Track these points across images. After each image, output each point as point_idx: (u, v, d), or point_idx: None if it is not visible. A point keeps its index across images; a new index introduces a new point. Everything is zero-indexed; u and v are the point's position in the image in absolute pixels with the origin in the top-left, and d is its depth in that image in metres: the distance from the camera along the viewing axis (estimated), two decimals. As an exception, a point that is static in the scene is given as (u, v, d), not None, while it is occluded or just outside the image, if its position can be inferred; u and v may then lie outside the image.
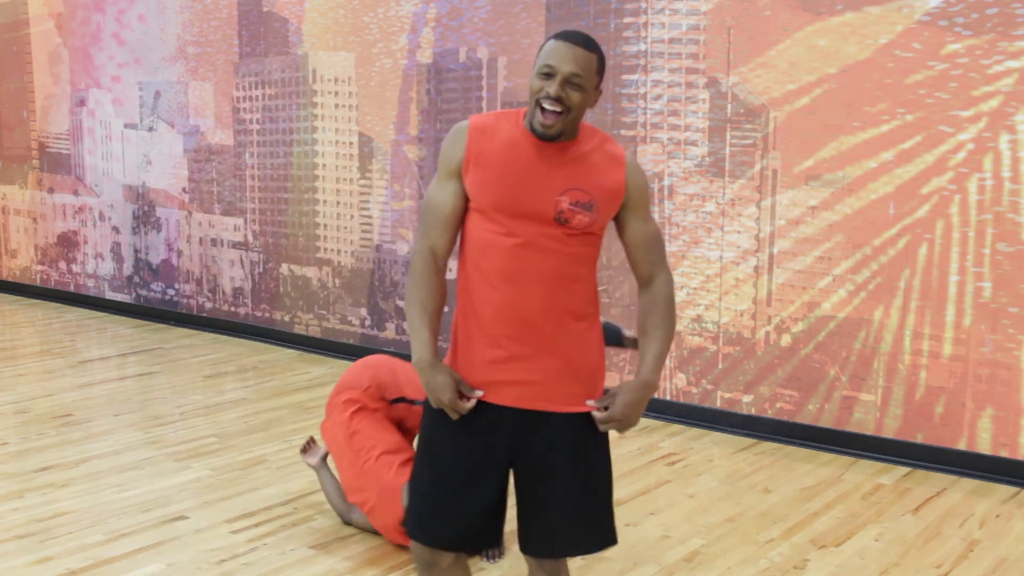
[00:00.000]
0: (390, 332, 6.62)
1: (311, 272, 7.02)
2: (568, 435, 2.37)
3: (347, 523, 3.93)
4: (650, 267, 2.43)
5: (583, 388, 2.38)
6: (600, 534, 2.48)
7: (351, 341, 6.81)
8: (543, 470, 2.39)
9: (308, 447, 4.16)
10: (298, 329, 7.12)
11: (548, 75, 2.25)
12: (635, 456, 4.84)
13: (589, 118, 5.54)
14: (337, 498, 3.95)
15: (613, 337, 3.58)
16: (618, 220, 2.42)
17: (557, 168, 2.31)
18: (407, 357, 6.91)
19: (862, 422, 4.87)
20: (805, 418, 5.03)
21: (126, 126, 8.08)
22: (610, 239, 5.58)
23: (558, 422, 2.36)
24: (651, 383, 2.36)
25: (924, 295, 4.68)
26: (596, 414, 2.35)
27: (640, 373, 2.37)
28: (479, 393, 2.34)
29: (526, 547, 2.50)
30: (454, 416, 2.33)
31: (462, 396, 2.34)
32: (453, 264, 2.92)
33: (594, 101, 2.33)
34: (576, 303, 2.36)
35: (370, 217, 6.67)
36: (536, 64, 2.29)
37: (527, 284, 2.30)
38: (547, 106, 2.24)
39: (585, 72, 2.26)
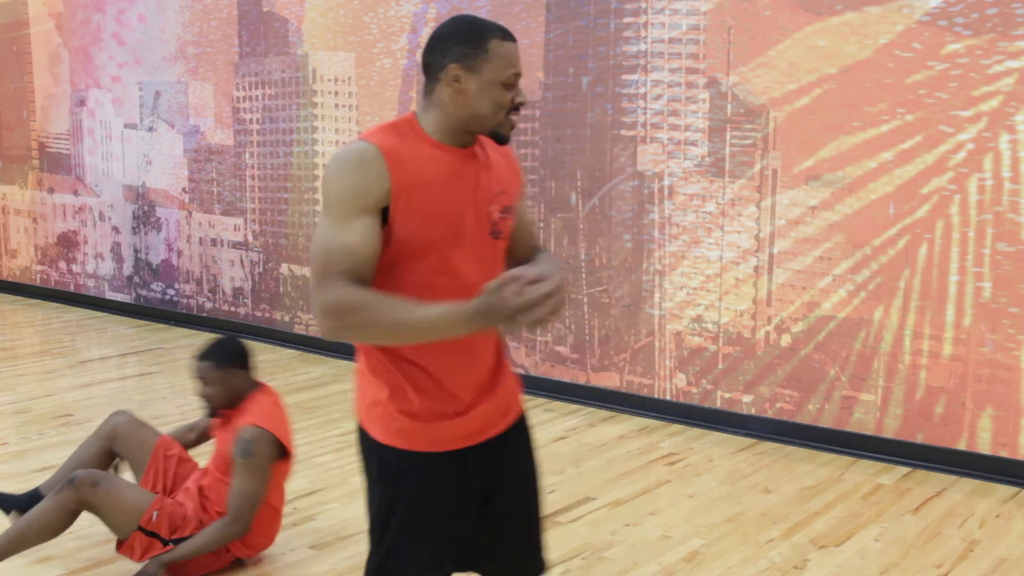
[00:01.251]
0: (390, 332, 6.62)
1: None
2: (518, 447, 2.22)
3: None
4: (532, 251, 2.24)
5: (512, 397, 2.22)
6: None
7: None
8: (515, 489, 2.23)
9: None
10: (298, 329, 7.12)
11: (513, 85, 2.01)
12: (635, 456, 4.84)
13: (586, 117, 5.55)
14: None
15: None
16: None
17: (479, 175, 2.05)
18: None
19: (862, 422, 4.87)
20: (805, 418, 5.03)
21: (126, 126, 8.08)
22: (609, 239, 5.60)
23: (509, 439, 2.18)
24: (562, 270, 2.15)
25: (924, 295, 4.68)
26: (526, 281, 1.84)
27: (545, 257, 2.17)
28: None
29: (515, 570, 2.29)
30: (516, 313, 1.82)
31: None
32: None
33: None
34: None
35: (370, 217, 6.66)
36: (487, 70, 1.98)
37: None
38: (514, 115, 2.03)
39: None
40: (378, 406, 2.07)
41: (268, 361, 6.71)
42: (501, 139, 2.05)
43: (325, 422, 5.32)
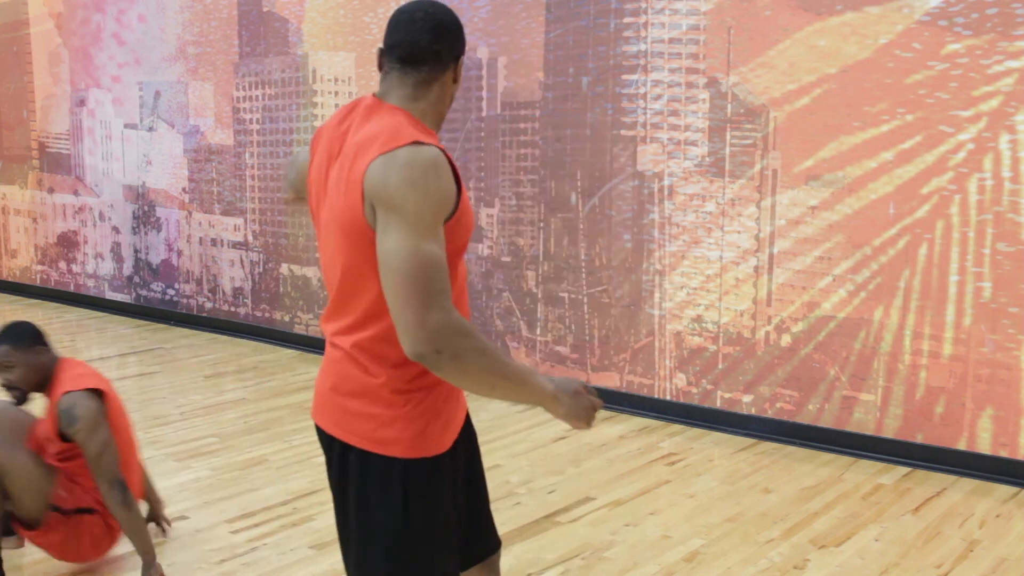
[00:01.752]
0: (390, 332, 6.62)
1: (311, 272, 7.02)
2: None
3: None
4: None
5: None
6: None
7: (351, 341, 6.80)
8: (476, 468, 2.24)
9: None
10: (298, 329, 7.12)
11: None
12: (635, 456, 4.84)
13: (586, 117, 5.55)
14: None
15: None
16: None
17: None
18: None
19: (862, 422, 4.87)
20: (805, 418, 5.03)
21: (126, 126, 8.08)
22: (609, 239, 5.60)
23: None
24: None
25: (924, 295, 4.68)
26: None
27: None
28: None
29: (486, 548, 2.26)
30: (591, 418, 1.98)
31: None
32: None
33: None
34: None
35: (370, 217, 6.66)
36: (460, 65, 2.05)
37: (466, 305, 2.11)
38: None
39: None
40: (404, 424, 1.96)
41: (268, 361, 6.71)
42: (437, 128, 2.06)
43: (325, 422, 5.32)
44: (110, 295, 8.37)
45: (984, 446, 4.58)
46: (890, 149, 4.70)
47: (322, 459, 4.72)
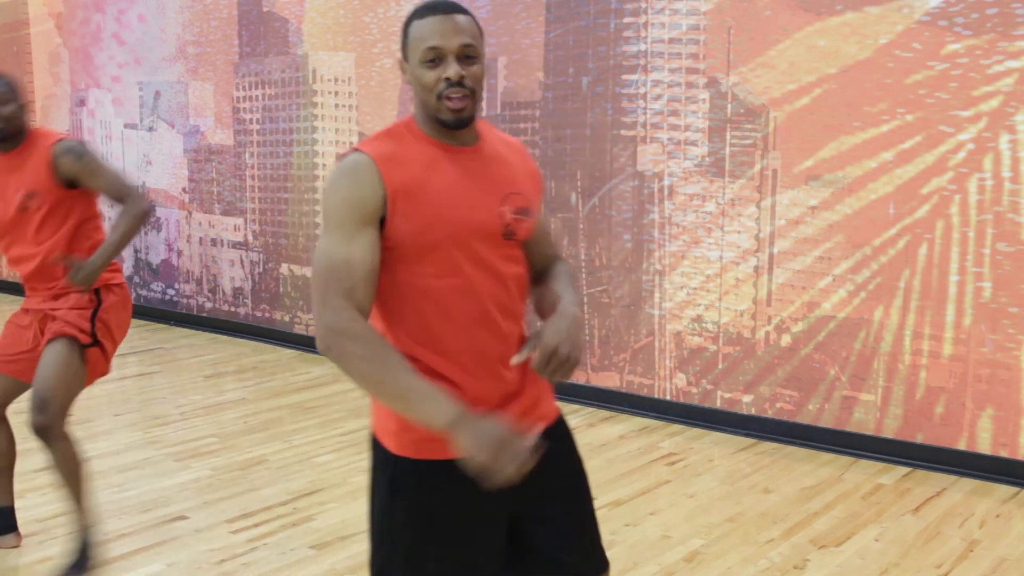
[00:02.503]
0: (390, 332, 6.62)
1: (311, 272, 7.02)
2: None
3: None
4: (547, 259, 2.14)
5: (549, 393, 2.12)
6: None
7: (351, 341, 6.80)
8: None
9: None
10: (298, 329, 7.12)
11: (435, 60, 1.88)
12: (635, 456, 4.84)
13: (587, 117, 5.55)
14: None
15: None
16: None
17: (485, 175, 1.96)
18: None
19: (862, 422, 4.87)
20: (805, 418, 5.03)
21: (126, 126, 8.08)
22: (610, 239, 5.59)
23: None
24: (575, 313, 1.95)
25: (924, 295, 4.68)
26: (533, 361, 1.89)
27: (563, 305, 1.96)
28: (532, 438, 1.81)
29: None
30: (516, 469, 1.75)
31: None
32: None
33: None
34: (521, 326, 2.03)
35: (370, 217, 6.66)
36: (410, 54, 1.90)
37: (493, 323, 1.94)
38: (453, 93, 1.87)
39: (474, 39, 1.91)
40: (391, 417, 1.95)
41: (268, 361, 6.71)
42: (445, 124, 1.91)
43: (325, 422, 5.32)
44: (110, 295, 8.36)
45: (984, 446, 4.58)
46: (890, 149, 4.70)
47: (322, 459, 4.73)
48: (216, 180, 7.52)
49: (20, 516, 3.99)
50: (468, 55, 1.89)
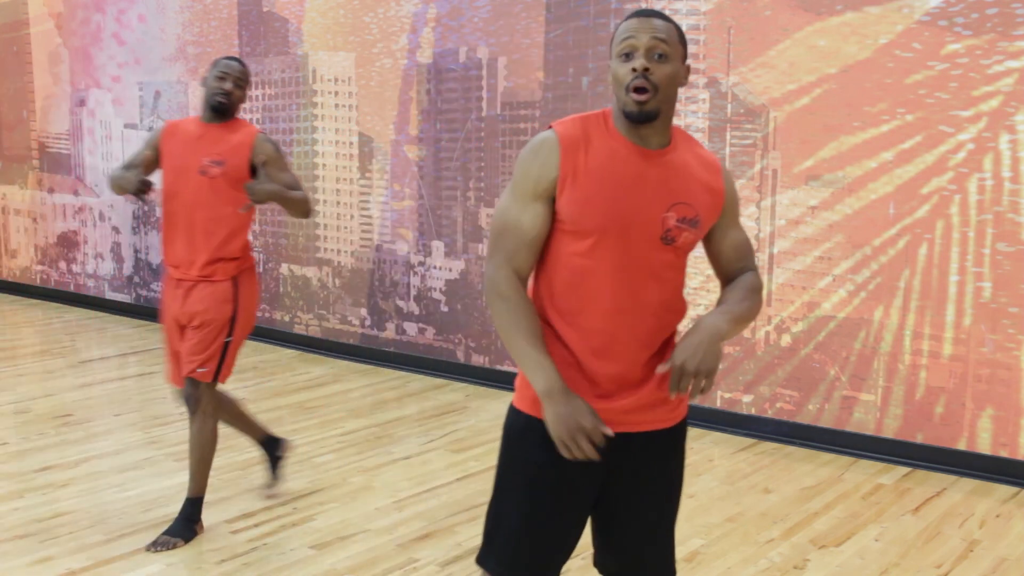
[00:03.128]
0: (390, 332, 6.62)
1: (311, 272, 7.02)
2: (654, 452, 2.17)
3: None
4: (738, 271, 2.21)
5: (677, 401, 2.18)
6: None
7: (351, 341, 6.81)
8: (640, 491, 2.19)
9: None
10: (298, 329, 7.12)
11: (629, 54, 2.02)
12: (635, 456, 4.83)
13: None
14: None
15: None
16: (709, 230, 2.17)
17: (661, 179, 2.06)
18: (408, 359, 6.83)
19: (862, 422, 4.87)
20: (805, 418, 5.03)
21: (126, 126, 8.08)
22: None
23: (653, 442, 2.16)
24: (715, 325, 2.01)
25: (924, 295, 4.68)
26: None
27: (704, 318, 2.04)
28: (611, 433, 2.02)
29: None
30: (586, 450, 1.99)
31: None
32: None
33: (684, 77, 2.08)
34: (672, 332, 2.15)
35: (370, 217, 6.67)
36: (615, 47, 2.06)
37: (632, 313, 2.05)
38: (637, 84, 1.99)
39: (668, 40, 2.01)
40: (520, 375, 2.15)
41: (268, 361, 6.71)
42: (629, 116, 2.03)
43: (325, 422, 5.32)
44: (110, 295, 8.37)
45: (984, 446, 4.58)
46: (890, 149, 4.70)
47: (322, 459, 4.73)
48: (216, 180, 7.51)
49: (20, 516, 3.99)
50: (660, 53, 2.01)
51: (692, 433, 5.20)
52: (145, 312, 8.05)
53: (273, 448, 4.28)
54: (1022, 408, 4.50)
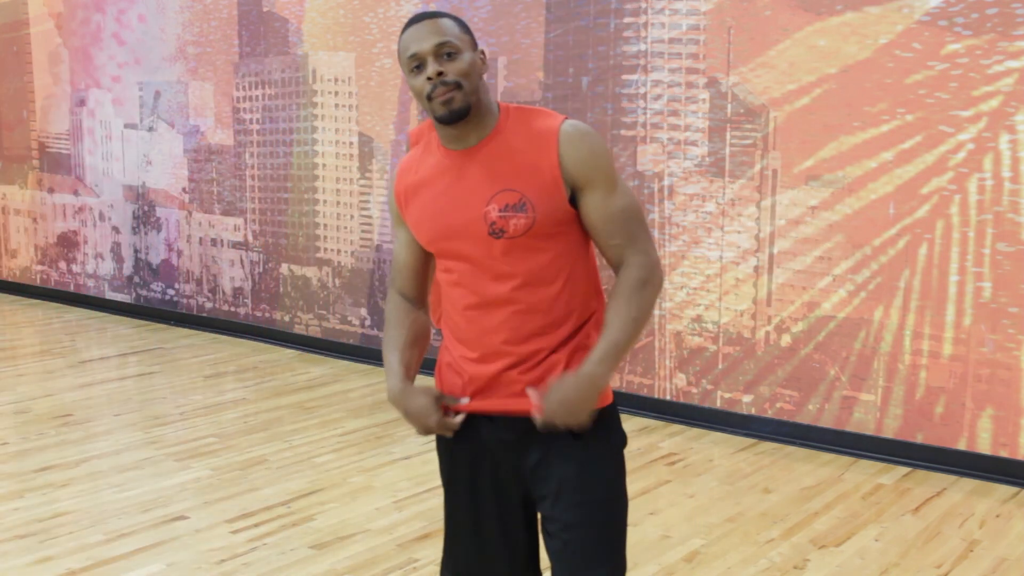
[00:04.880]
0: (390, 332, 6.62)
1: (311, 272, 7.02)
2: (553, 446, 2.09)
3: None
4: (617, 251, 2.05)
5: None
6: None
7: (351, 341, 6.81)
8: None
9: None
10: (298, 329, 7.12)
11: (419, 66, 1.96)
12: (635, 456, 4.84)
13: (587, 117, 5.54)
14: None
15: None
16: (575, 202, 2.01)
17: (480, 174, 2.00)
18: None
19: (862, 422, 4.87)
20: (805, 418, 5.03)
21: (126, 126, 8.08)
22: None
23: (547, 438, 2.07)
24: (589, 375, 1.95)
25: (924, 295, 4.68)
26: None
27: (582, 365, 1.99)
28: (465, 400, 2.08)
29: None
30: (448, 434, 2.09)
31: (447, 412, 2.09)
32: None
33: (483, 63, 2.02)
34: (553, 318, 2.05)
35: (370, 217, 6.67)
36: (403, 65, 2.00)
37: (492, 315, 2.03)
38: (436, 91, 1.94)
39: (451, 35, 1.96)
40: None
41: (268, 361, 6.71)
42: (442, 120, 1.98)
43: (325, 422, 5.32)
44: (110, 295, 8.37)
45: (984, 446, 4.58)
46: (890, 149, 4.70)
47: (322, 459, 4.73)
48: (216, 180, 7.52)
49: (20, 516, 3.99)
50: (447, 52, 1.96)
51: (692, 433, 5.20)
52: (145, 312, 8.05)
53: None
54: (1022, 408, 4.50)
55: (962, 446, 4.63)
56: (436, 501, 4.20)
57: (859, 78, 4.74)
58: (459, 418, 2.08)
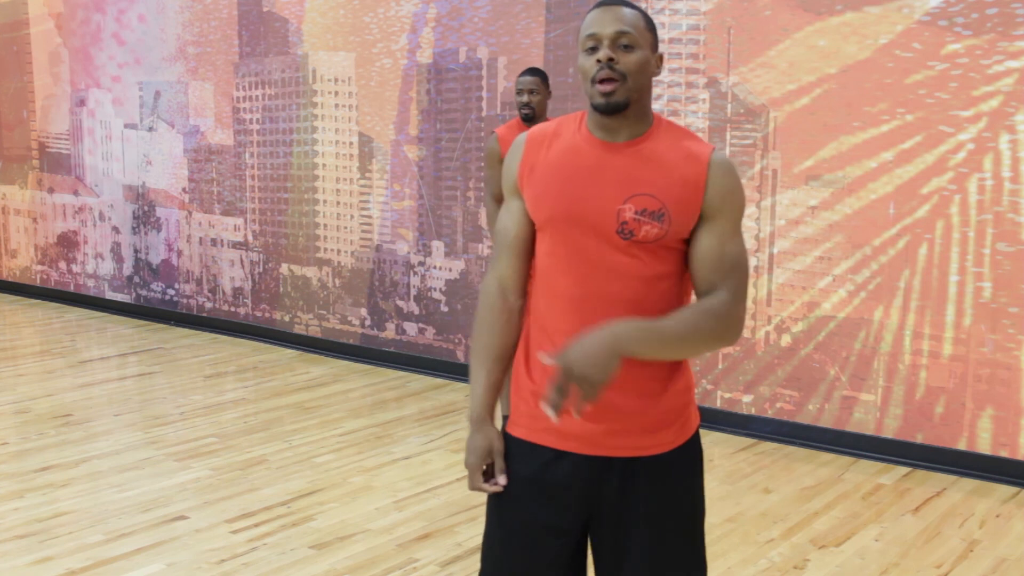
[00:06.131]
0: (390, 332, 6.62)
1: (311, 272, 7.02)
2: (644, 480, 2.02)
3: None
4: (708, 286, 1.96)
5: (669, 429, 2.03)
6: None
7: (351, 341, 6.81)
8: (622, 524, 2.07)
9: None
10: (298, 329, 7.12)
11: (594, 48, 1.92)
12: (635, 456, 4.83)
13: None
14: None
15: None
16: (692, 230, 1.96)
17: (622, 171, 1.94)
18: (408, 359, 6.83)
19: (862, 422, 4.87)
20: (805, 418, 5.03)
21: (126, 126, 8.08)
22: (610, 239, 5.58)
23: (636, 467, 2.00)
24: (614, 333, 1.83)
25: (924, 295, 4.68)
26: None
27: (615, 325, 1.88)
28: (503, 481, 2.04)
29: None
30: (477, 485, 2.07)
31: (487, 474, 2.06)
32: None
33: (656, 66, 1.97)
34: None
35: (370, 217, 6.67)
36: (580, 42, 1.97)
37: (592, 312, 1.93)
38: (602, 76, 1.89)
39: (634, 28, 1.91)
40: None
41: (268, 361, 6.71)
42: (597, 109, 1.93)
43: (325, 422, 5.32)
44: (110, 295, 8.37)
45: (984, 446, 4.58)
46: (890, 149, 4.70)
47: (322, 459, 4.73)
48: (216, 180, 7.52)
49: (20, 516, 3.99)
50: (625, 43, 1.91)
51: (692, 433, 5.20)
52: (145, 312, 8.05)
53: None
54: (1022, 408, 4.50)
55: (962, 446, 4.63)
56: (436, 501, 4.20)
57: (859, 78, 4.74)
58: (491, 489, 2.05)
